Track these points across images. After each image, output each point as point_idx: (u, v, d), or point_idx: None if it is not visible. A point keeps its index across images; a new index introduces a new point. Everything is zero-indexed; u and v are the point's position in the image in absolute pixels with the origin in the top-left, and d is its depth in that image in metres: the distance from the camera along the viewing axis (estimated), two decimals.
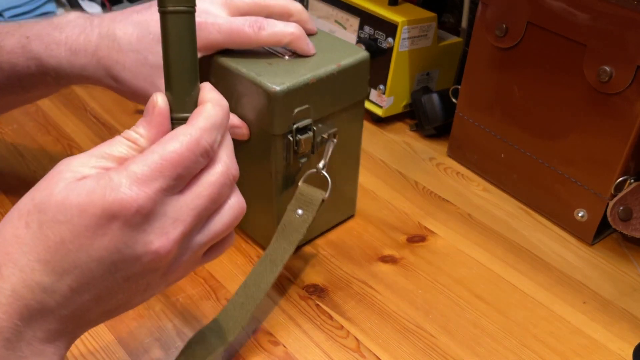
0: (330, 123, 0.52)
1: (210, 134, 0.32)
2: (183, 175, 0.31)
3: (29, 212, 0.30)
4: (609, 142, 0.55)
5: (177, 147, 0.31)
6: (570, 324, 0.51)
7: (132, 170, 0.30)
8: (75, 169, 0.30)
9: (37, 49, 0.48)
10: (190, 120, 0.32)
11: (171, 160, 0.30)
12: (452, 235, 0.60)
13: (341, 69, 0.50)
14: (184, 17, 0.32)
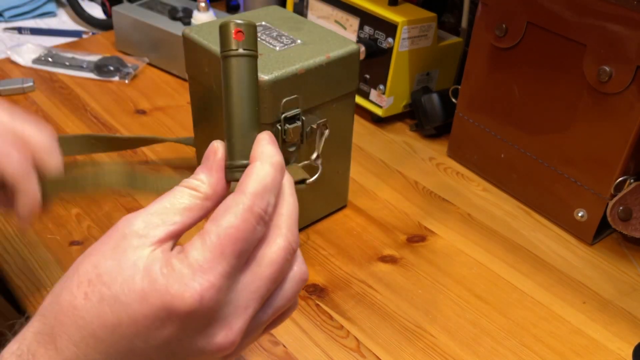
0: (320, 114, 0.53)
1: (262, 199, 0.29)
2: (244, 249, 0.29)
3: (90, 281, 0.28)
4: (608, 142, 0.55)
5: (232, 221, 0.28)
6: (570, 323, 0.51)
7: (194, 257, 0.28)
8: (141, 233, 0.29)
9: None
10: (240, 186, 0.29)
11: (229, 237, 0.28)
12: (452, 235, 0.60)
13: (330, 60, 0.51)
14: (247, 60, 0.31)
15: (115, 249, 0.28)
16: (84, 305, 0.28)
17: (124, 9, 0.85)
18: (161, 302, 0.27)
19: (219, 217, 0.28)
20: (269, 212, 0.29)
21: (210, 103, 0.55)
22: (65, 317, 0.28)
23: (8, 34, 0.95)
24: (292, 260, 0.31)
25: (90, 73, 0.82)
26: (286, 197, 0.31)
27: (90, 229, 0.57)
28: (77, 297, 0.28)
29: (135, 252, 0.28)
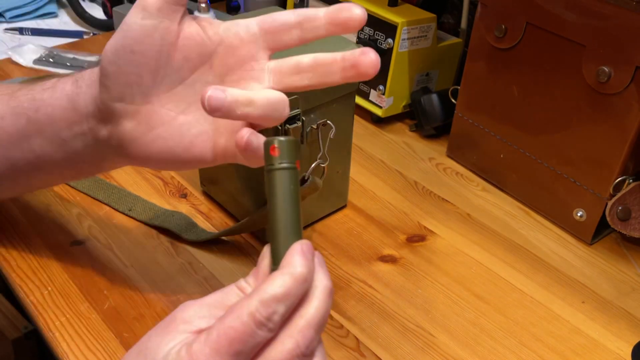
0: (320, 114, 0.53)
1: (267, 307, 0.30)
2: (241, 351, 0.30)
3: (140, 352, 0.32)
4: (607, 142, 0.55)
5: (232, 323, 0.30)
6: (569, 323, 0.51)
7: (195, 349, 0.30)
8: (187, 320, 0.32)
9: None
10: (253, 291, 0.31)
11: (227, 337, 0.30)
12: (451, 235, 0.60)
13: None
14: (284, 173, 0.33)
15: (165, 328, 0.32)
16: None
17: (124, 9, 0.85)
18: None
19: (225, 316, 0.30)
20: (275, 320, 0.30)
21: None
22: None
23: (9, 34, 0.95)
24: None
25: None
26: (313, 301, 0.32)
27: (90, 229, 0.57)
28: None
29: (175, 336, 0.32)
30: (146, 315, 0.49)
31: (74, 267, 0.53)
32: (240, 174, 0.56)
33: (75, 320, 0.48)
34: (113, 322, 0.48)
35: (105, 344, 0.47)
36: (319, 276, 0.33)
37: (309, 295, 0.32)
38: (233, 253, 0.56)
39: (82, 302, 0.50)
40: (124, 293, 0.51)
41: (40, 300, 0.50)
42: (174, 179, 0.65)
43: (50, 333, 0.47)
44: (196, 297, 0.51)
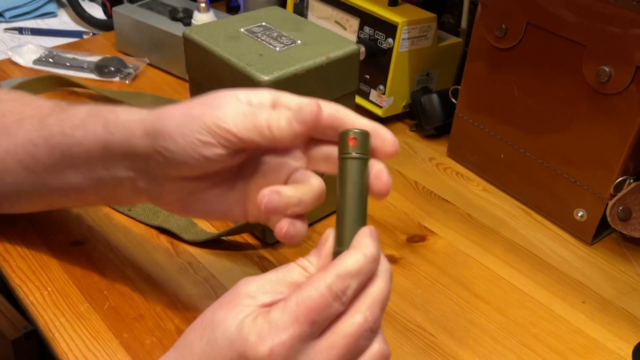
0: None
1: (342, 281, 0.33)
2: (317, 320, 0.32)
3: (206, 326, 0.34)
4: (608, 142, 0.55)
5: (311, 294, 0.32)
6: (569, 323, 0.51)
7: (274, 316, 0.32)
8: (252, 294, 0.34)
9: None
10: (329, 266, 0.34)
11: (306, 306, 0.32)
12: (451, 235, 0.60)
13: (330, 60, 0.51)
14: (358, 163, 0.36)
15: (229, 303, 0.34)
16: (198, 344, 0.34)
17: (124, 9, 0.86)
18: (242, 348, 0.32)
19: (303, 288, 0.33)
20: (348, 295, 0.33)
21: None
22: (185, 351, 0.35)
23: (9, 34, 0.95)
24: (372, 338, 0.34)
25: (91, 74, 0.83)
26: (379, 281, 0.35)
27: (90, 229, 0.57)
28: (196, 336, 0.35)
29: (242, 309, 0.34)
30: (146, 315, 0.49)
31: (73, 268, 0.53)
32: None
33: (75, 320, 0.48)
34: (113, 322, 0.48)
35: (105, 344, 0.47)
36: (382, 259, 0.35)
37: (375, 276, 0.35)
38: (233, 253, 0.56)
39: (82, 302, 0.50)
40: (124, 293, 0.51)
41: (40, 300, 0.50)
42: None
43: (50, 333, 0.47)
44: (195, 297, 0.52)
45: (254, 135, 0.37)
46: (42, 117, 0.47)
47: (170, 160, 0.40)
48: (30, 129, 0.46)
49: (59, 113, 0.46)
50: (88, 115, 0.44)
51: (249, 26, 0.55)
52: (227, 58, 0.50)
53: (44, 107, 0.48)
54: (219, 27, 0.54)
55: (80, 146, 0.44)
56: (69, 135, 0.44)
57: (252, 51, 0.51)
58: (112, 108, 0.44)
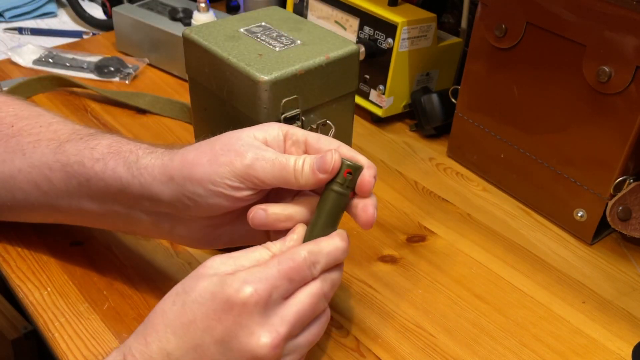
0: (320, 114, 0.53)
1: (316, 255, 0.39)
2: (294, 279, 0.38)
3: (177, 293, 0.38)
4: (608, 142, 0.55)
5: (291, 256, 0.38)
6: (569, 323, 0.51)
7: (257, 269, 0.37)
8: (217, 267, 0.38)
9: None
10: (305, 243, 0.40)
11: (286, 264, 0.38)
12: (451, 235, 0.60)
13: (330, 60, 0.51)
14: (344, 198, 0.41)
15: (195, 273, 0.38)
16: (170, 309, 0.37)
17: (124, 9, 0.86)
18: (225, 296, 0.36)
19: (283, 254, 0.38)
20: (317, 268, 0.39)
21: (210, 103, 0.55)
22: (156, 319, 0.38)
23: (8, 34, 0.95)
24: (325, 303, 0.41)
25: (91, 74, 0.83)
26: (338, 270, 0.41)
27: (90, 229, 0.57)
28: (167, 303, 0.38)
29: (210, 276, 0.37)
30: (146, 315, 0.49)
31: (73, 268, 0.53)
32: None
33: (74, 320, 0.48)
34: (112, 322, 0.48)
35: (105, 345, 0.47)
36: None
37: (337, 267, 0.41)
38: None
39: (82, 302, 0.50)
40: (124, 293, 0.51)
41: (39, 300, 0.50)
42: None
43: (50, 333, 0.47)
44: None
45: (281, 183, 0.41)
46: (60, 143, 0.47)
47: (199, 204, 0.42)
48: (47, 152, 0.47)
49: (77, 141, 0.47)
50: (109, 151, 0.45)
51: (248, 26, 0.55)
52: (227, 58, 0.50)
53: (63, 131, 0.49)
54: (219, 27, 0.54)
55: (99, 180, 0.45)
56: (87, 167, 0.45)
57: (251, 51, 0.51)
58: (132, 147, 0.45)
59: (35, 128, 0.49)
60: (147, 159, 0.44)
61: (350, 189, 0.41)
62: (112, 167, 0.44)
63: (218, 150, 0.41)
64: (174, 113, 0.76)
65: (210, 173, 0.41)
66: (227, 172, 0.40)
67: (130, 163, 0.44)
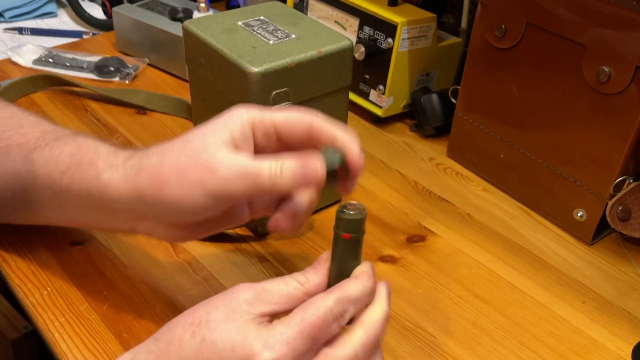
0: (312, 108, 0.53)
1: (343, 305, 0.36)
2: (317, 337, 0.35)
3: (200, 324, 0.35)
4: (608, 142, 0.55)
5: (316, 312, 0.35)
6: (569, 323, 0.51)
7: (279, 330, 0.34)
8: (251, 302, 0.36)
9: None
10: (332, 289, 0.37)
11: (311, 323, 0.35)
12: (451, 235, 0.60)
13: (322, 55, 0.52)
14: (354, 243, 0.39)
15: (226, 306, 0.35)
16: (188, 341, 0.35)
17: (124, 9, 0.86)
18: (245, 354, 0.34)
19: (306, 307, 0.35)
20: (345, 318, 0.36)
21: (207, 93, 0.56)
22: (172, 346, 0.35)
23: (8, 34, 0.95)
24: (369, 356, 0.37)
25: (91, 74, 0.83)
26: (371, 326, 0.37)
27: None
28: (186, 332, 0.35)
29: (241, 315, 0.35)
30: (145, 315, 0.49)
31: (73, 268, 0.53)
32: None
33: (74, 320, 0.48)
34: (112, 322, 0.48)
35: (105, 345, 0.47)
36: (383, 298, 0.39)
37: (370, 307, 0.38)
38: (233, 253, 0.56)
39: (82, 302, 0.50)
40: (124, 293, 0.51)
41: (39, 300, 0.50)
42: None
43: (50, 333, 0.47)
44: (195, 297, 0.52)
45: (257, 193, 0.38)
46: (29, 150, 0.46)
47: (174, 219, 0.41)
48: (17, 161, 0.46)
49: (43, 149, 0.45)
50: (71, 162, 0.43)
51: (246, 20, 0.56)
52: (221, 49, 0.51)
53: (31, 135, 0.47)
54: (218, 20, 0.56)
55: (70, 194, 0.44)
56: (57, 181, 0.44)
57: (245, 43, 0.52)
58: (92, 157, 0.42)
59: (6, 132, 0.48)
60: (108, 175, 0.41)
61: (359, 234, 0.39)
62: (78, 181, 0.43)
63: (184, 166, 0.38)
64: (170, 109, 0.76)
65: (182, 195, 0.38)
66: (199, 194, 0.38)
67: (91, 179, 0.42)
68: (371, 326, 0.37)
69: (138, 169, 0.40)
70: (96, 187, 0.42)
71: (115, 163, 0.41)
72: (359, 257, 0.39)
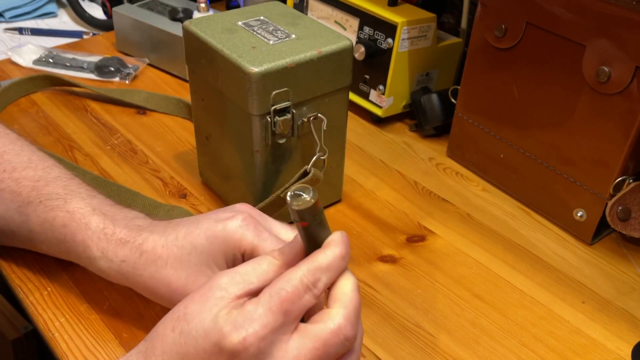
0: (312, 107, 0.54)
1: (313, 274, 0.35)
2: (290, 310, 0.34)
3: (179, 318, 0.36)
4: (607, 142, 0.55)
5: (283, 286, 0.35)
6: (569, 323, 0.51)
7: (248, 309, 0.34)
8: (223, 287, 0.36)
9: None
10: (300, 262, 0.36)
11: (279, 296, 0.34)
12: (451, 235, 0.60)
13: (322, 55, 0.52)
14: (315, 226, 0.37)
15: (201, 296, 0.36)
16: (169, 335, 0.36)
17: (124, 9, 0.86)
18: (216, 338, 0.34)
19: (276, 281, 0.35)
20: (319, 287, 0.36)
21: (207, 93, 0.56)
22: (157, 343, 0.36)
23: (9, 34, 0.95)
24: (344, 347, 0.36)
25: (91, 74, 0.83)
26: (351, 297, 0.37)
27: None
28: (167, 328, 0.36)
29: (215, 302, 0.35)
30: (145, 315, 0.49)
31: (73, 268, 0.53)
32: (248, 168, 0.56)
33: (74, 320, 0.48)
34: (112, 322, 0.48)
35: (105, 344, 0.47)
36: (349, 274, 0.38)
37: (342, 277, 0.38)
38: None
39: (82, 302, 0.50)
40: (124, 293, 0.51)
41: (39, 300, 0.50)
42: (174, 179, 0.65)
43: (50, 333, 0.47)
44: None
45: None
46: (22, 203, 0.48)
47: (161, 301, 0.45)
48: (11, 209, 0.48)
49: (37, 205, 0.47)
50: (65, 235, 0.46)
51: (246, 20, 0.56)
52: (221, 49, 0.51)
53: (24, 183, 0.48)
54: (218, 20, 0.56)
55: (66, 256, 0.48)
56: (53, 244, 0.48)
57: (245, 43, 0.52)
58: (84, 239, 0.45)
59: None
60: (102, 264, 0.45)
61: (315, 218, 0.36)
62: (74, 254, 0.46)
63: (176, 287, 0.43)
64: (169, 109, 0.76)
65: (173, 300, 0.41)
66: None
67: (85, 259, 0.46)
68: (347, 298, 0.36)
69: (133, 274, 0.44)
70: (91, 266, 0.46)
71: (109, 257, 0.44)
72: (327, 230, 0.38)
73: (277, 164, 0.55)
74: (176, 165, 0.67)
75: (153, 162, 0.67)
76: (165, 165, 0.67)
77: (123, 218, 0.46)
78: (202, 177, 0.64)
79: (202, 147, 0.62)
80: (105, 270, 0.45)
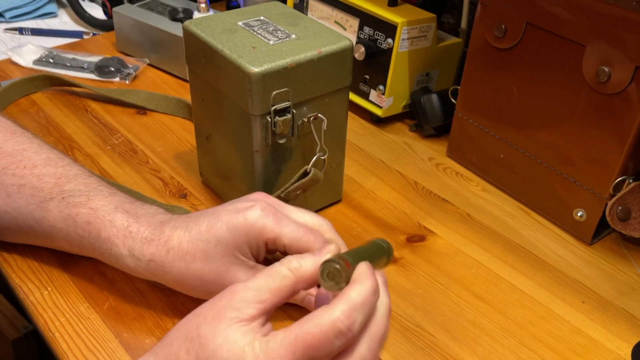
0: (312, 107, 0.54)
1: (348, 317, 0.32)
2: (315, 357, 0.32)
3: (192, 340, 0.34)
4: (607, 142, 0.55)
5: (312, 329, 0.32)
6: (569, 323, 0.51)
7: (271, 347, 0.32)
8: (238, 307, 0.34)
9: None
10: (333, 302, 0.33)
11: (305, 342, 0.32)
12: (451, 235, 0.60)
13: (322, 55, 0.52)
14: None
15: (214, 317, 0.34)
16: (184, 358, 0.34)
17: (124, 9, 0.86)
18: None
19: (305, 321, 0.32)
20: (354, 330, 0.33)
21: (207, 93, 0.56)
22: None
23: (9, 34, 0.95)
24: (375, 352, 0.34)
25: (91, 74, 0.83)
26: (377, 319, 0.35)
27: None
28: (181, 349, 0.34)
29: (228, 324, 0.33)
30: (146, 315, 0.49)
31: (73, 267, 0.53)
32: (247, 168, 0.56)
33: (75, 320, 0.48)
34: (113, 322, 0.48)
35: (105, 344, 0.47)
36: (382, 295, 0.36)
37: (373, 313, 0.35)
38: None
39: (82, 302, 0.50)
40: (124, 293, 0.51)
41: (40, 300, 0.50)
42: (174, 179, 0.65)
43: (50, 333, 0.47)
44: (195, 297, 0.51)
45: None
46: (44, 199, 0.48)
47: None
48: (32, 204, 0.48)
49: (60, 202, 0.47)
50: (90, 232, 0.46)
51: (246, 20, 0.56)
52: (221, 50, 0.51)
53: (46, 180, 0.49)
54: (218, 20, 0.56)
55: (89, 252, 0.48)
56: (75, 240, 0.48)
57: (245, 44, 0.52)
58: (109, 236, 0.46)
59: (19, 169, 0.49)
60: (130, 262, 0.45)
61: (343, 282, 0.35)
62: (99, 251, 0.47)
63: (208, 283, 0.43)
64: (169, 109, 0.76)
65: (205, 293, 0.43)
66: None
67: (111, 256, 0.46)
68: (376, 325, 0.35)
69: (162, 271, 0.44)
70: (117, 264, 0.46)
71: (136, 255, 0.45)
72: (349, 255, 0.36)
73: (277, 164, 0.55)
74: (176, 165, 0.67)
75: (153, 162, 0.67)
76: (165, 165, 0.67)
77: (144, 214, 0.46)
78: (202, 177, 0.64)
79: (202, 147, 0.62)
80: (133, 268, 0.45)
